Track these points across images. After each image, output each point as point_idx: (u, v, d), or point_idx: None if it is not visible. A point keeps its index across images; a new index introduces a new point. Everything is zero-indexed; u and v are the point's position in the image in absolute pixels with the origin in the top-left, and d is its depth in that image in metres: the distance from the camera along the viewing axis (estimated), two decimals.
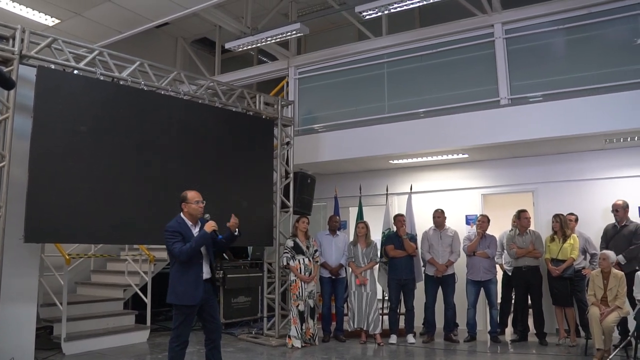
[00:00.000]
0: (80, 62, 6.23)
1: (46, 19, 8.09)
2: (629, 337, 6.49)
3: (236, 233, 5.21)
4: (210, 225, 5.02)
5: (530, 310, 7.80)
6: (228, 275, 9.01)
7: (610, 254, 6.68)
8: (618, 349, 6.43)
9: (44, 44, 5.96)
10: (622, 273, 6.59)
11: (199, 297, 4.99)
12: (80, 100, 6.13)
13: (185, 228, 5.04)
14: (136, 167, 6.54)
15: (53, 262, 7.40)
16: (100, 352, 6.93)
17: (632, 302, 6.60)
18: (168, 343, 5.06)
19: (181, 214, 5.14)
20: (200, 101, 7.37)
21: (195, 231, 5.09)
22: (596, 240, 7.64)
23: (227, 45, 9.14)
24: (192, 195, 5.13)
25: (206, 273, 5.09)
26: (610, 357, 6.28)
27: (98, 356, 6.71)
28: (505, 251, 8.03)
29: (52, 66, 6.02)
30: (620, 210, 7.40)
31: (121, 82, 6.58)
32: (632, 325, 6.57)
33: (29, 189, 5.59)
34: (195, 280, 4.98)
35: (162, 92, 6.99)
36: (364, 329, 7.70)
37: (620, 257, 7.05)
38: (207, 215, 5.17)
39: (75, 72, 6.23)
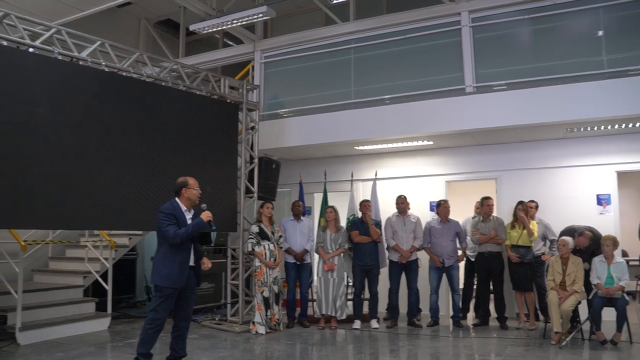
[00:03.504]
0: (36, 40, 5.98)
1: None
2: (584, 320, 6.71)
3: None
4: (207, 215, 5.18)
5: (492, 295, 7.93)
6: None
7: (569, 240, 6.85)
8: (573, 333, 6.67)
9: None
10: (580, 259, 6.77)
11: (183, 281, 5.12)
12: (35, 80, 5.88)
13: (179, 212, 5.16)
14: (96, 149, 6.35)
15: (7, 248, 7.20)
16: (58, 341, 6.77)
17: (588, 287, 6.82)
18: (143, 324, 5.10)
19: (176, 198, 5.24)
20: (163, 84, 7.21)
21: (189, 217, 5.22)
22: (556, 226, 7.78)
23: (192, 27, 8.95)
24: (193, 181, 5.28)
25: (191, 261, 5.23)
26: (567, 339, 6.46)
27: (55, 345, 6.54)
28: (468, 237, 8.12)
29: (5, 43, 5.74)
30: None
31: (80, 63, 6.37)
32: (582, 312, 6.84)
33: None
34: (181, 265, 5.10)
35: (124, 74, 6.80)
36: (332, 314, 7.73)
37: None
38: (203, 205, 5.29)
39: (31, 50, 5.97)
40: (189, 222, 5.19)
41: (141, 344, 5.04)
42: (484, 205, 7.89)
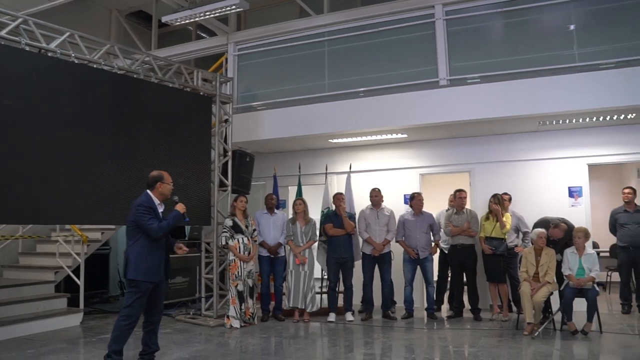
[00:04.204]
0: (2, 31, 5.81)
1: None
2: (556, 311, 6.83)
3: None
4: (182, 207, 5.22)
5: (466, 287, 7.99)
6: None
7: (545, 231, 6.93)
8: (545, 323, 6.75)
9: None
10: (553, 250, 6.86)
11: (161, 275, 5.15)
12: (1, 71, 5.73)
13: (153, 205, 5.13)
14: (66, 142, 6.24)
15: None
16: (28, 337, 6.65)
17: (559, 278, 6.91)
18: (116, 321, 5.03)
19: (148, 191, 5.18)
20: (135, 76, 7.11)
21: (160, 211, 5.19)
22: (528, 219, 7.87)
23: (164, 19, 8.80)
24: (167, 176, 5.25)
25: None
26: (539, 330, 6.54)
27: (26, 342, 6.43)
28: (442, 229, 8.17)
29: None
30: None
31: (49, 54, 6.24)
32: (553, 303, 6.96)
33: None
34: (159, 258, 5.12)
35: (95, 66, 6.68)
36: (301, 307, 7.73)
37: None
38: (175, 197, 5.30)
39: None
40: (160, 216, 5.16)
41: (115, 341, 4.96)
42: (457, 198, 7.94)
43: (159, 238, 5.06)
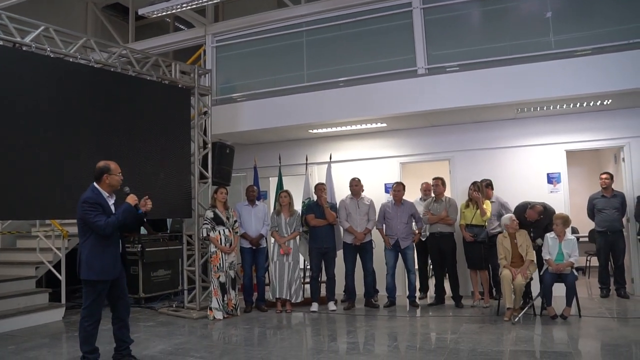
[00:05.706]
0: None
1: None
2: (536, 296, 6.92)
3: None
4: (133, 199, 4.95)
5: (447, 274, 8.06)
6: (147, 249, 8.82)
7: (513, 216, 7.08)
8: (525, 309, 6.82)
9: None
10: (525, 231, 6.98)
11: (117, 271, 4.93)
12: None
13: (103, 200, 4.87)
14: (44, 137, 6.19)
15: None
16: (10, 333, 6.61)
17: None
18: (79, 323, 4.90)
19: (95, 184, 4.93)
20: (112, 69, 7.04)
21: (111, 203, 4.96)
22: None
23: (141, 12, 8.71)
24: (114, 166, 4.99)
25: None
26: (520, 315, 6.62)
27: (7, 338, 6.38)
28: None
29: None
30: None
31: (24, 48, 6.16)
32: (534, 288, 7.05)
33: None
34: (113, 255, 4.90)
35: (71, 60, 6.61)
36: (286, 298, 7.75)
37: None
38: (127, 189, 5.05)
39: None
40: (112, 208, 4.94)
41: (84, 343, 4.84)
42: (432, 186, 8.04)
43: (108, 235, 4.80)
